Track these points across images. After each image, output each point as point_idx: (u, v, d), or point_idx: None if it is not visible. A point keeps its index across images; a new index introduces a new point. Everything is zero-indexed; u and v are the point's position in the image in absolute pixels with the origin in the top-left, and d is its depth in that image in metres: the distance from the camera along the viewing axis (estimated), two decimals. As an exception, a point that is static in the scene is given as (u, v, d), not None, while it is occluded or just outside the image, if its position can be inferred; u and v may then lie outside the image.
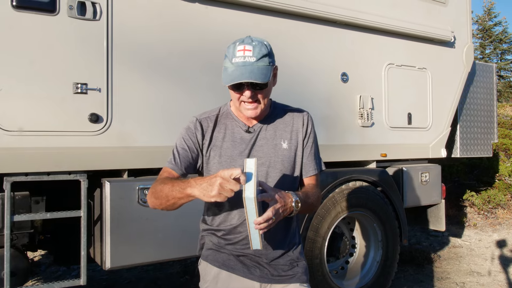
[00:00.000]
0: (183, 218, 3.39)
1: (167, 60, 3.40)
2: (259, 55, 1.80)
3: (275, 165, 1.98)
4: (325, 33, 4.17)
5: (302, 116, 2.07)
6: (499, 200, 8.36)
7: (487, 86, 5.89)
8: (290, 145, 2.02)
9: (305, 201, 1.88)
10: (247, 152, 1.97)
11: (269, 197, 1.70)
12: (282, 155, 1.99)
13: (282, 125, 2.05)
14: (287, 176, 2.00)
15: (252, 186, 1.60)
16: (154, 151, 3.33)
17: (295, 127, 2.05)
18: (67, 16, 3.01)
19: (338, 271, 4.56)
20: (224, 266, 2.00)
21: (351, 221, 4.62)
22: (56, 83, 2.98)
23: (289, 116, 2.07)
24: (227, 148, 1.97)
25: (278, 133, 2.02)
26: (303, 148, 2.05)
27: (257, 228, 1.64)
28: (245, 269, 1.98)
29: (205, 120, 2.02)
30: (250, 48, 1.81)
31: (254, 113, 1.91)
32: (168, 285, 5.18)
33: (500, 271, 5.76)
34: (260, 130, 2.01)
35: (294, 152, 2.03)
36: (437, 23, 4.97)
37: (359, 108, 4.40)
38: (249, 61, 1.79)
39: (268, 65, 1.83)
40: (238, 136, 1.99)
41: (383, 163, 4.80)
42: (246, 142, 1.98)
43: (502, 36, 32.01)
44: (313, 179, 2.09)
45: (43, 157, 2.94)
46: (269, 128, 2.03)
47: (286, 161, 2.00)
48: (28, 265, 3.33)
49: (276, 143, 2.00)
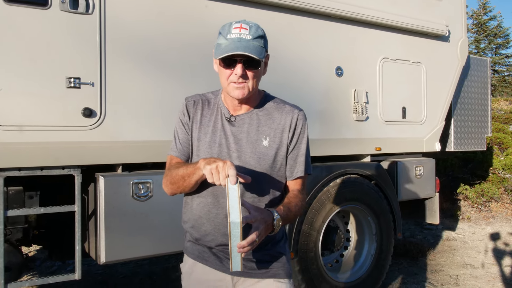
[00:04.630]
0: (177, 212, 3.38)
1: (161, 54, 3.38)
2: (255, 35, 1.77)
3: (249, 162, 1.88)
4: (319, 27, 4.17)
5: (292, 114, 1.93)
6: (493, 194, 8.41)
7: (481, 80, 5.91)
8: (271, 143, 1.90)
9: (286, 216, 1.78)
10: (224, 142, 1.89)
11: (252, 218, 1.63)
12: (259, 153, 1.89)
13: (268, 120, 1.93)
14: (263, 175, 1.89)
15: (237, 210, 1.55)
16: (148, 146, 3.32)
17: (281, 125, 1.92)
18: (59, 9, 2.98)
19: (332, 264, 4.58)
20: (199, 258, 1.99)
21: (345, 214, 4.64)
22: (48, 77, 2.96)
23: (278, 112, 1.94)
24: (206, 134, 1.92)
25: (261, 129, 1.91)
26: (287, 149, 1.92)
27: (240, 252, 1.58)
28: (218, 261, 1.94)
29: (194, 102, 1.98)
30: (247, 27, 1.77)
31: (241, 93, 1.81)
32: (164, 280, 5.19)
33: (493, 263, 5.81)
34: (244, 122, 1.92)
35: (275, 151, 1.90)
36: (432, 17, 4.97)
37: (353, 102, 4.40)
38: (244, 38, 1.75)
39: (262, 47, 1.79)
40: (219, 123, 1.93)
41: (378, 157, 4.81)
42: (225, 131, 1.91)
43: (497, 31, 32.13)
44: (298, 183, 1.97)
45: (36, 152, 2.93)
46: (253, 121, 1.92)
47: (262, 159, 1.88)
48: (23, 260, 3.33)
49: (256, 138, 1.90)
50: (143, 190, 3.24)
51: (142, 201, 3.24)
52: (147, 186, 3.26)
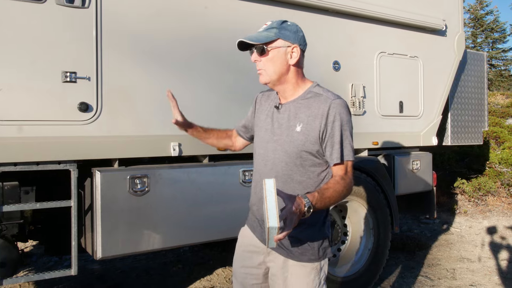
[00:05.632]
0: (174, 207, 3.38)
1: (158, 48, 3.36)
2: (269, 27, 2.07)
3: (284, 145, 2.09)
4: (316, 22, 4.15)
5: (327, 103, 2.03)
6: (489, 188, 8.42)
7: (478, 75, 5.91)
8: (303, 129, 2.05)
9: (320, 202, 1.88)
10: (269, 127, 2.18)
11: (287, 214, 1.73)
12: (291, 137, 2.07)
13: (305, 108, 2.08)
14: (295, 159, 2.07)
15: (274, 214, 1.65)
16: (144, 140, 3.31)
17: (315, 112, 2.04)
18: (55, 3, 2.96)
19: (330, 258, 4.57)
20: (248, 224, 2.36)
21: (343, 209, 4.64)
22: (44, 72, 2.93)
23: (315, 101, 2.07)
24: (261, 120, 2.26)
25: (298, 116, 2.08)
26: (321, 135, 2.03)
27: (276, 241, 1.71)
28: (260, 231, 2.22)
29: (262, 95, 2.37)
30: (269, 22, 2.10)
31: (261, 79, 2.11)
32: (161, 275, 5.19)
33: (490, 257, 5.83)
34: (286, 109, 2.14)
35: (305, 137, 2.04)
36: (428, 11, 4.96)
37: (351, 96, 4.39)
38: (259, 30, 2.09)
39: (270, 34, 2.05)
40: (271, 111, 2.21)
41: (375, 151, 4.81)
42: (273, 117, 2.18)
43: (494, 25, 32.16)
44: (339, 169, 2.06)
45: (32, 147, 2.91)
46: (293, 109, 2.12)
47: (293, 143, 2.06)
48: (18, 255, 3.31)
49: (291, 124, 2.09)
50: (139, 185, 3.23)
51: (138, 196, 3.23)
52: (144, 181, 3.25)
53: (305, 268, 2.12)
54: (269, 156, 2.15)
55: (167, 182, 3.38)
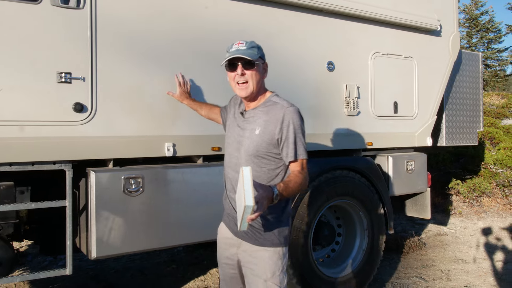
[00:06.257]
0: (168, 207, 3.39)
1: (153, 49, 3.37)
2: (250, 46, 2.41)
3: (245, 145, 2.46)
4: (311, 22, 4.16)
5: (282, 110, 2.40)
6: (484, 188, 8.45)
7: (473, 75, 5.93)
8: (260, 132, 2.42)
9: (285, 191, 2.27)
10: (236, 129, 2.55)
11: (260, 198, 2.08)
12: (251, 139, 2.44)
13: (264, 114, 2.46)
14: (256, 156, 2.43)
15: (251, 195, 1.95)
16: (139, 141, 3.32)
17: (272, 118, 2.41)
18: (50, 4, 2.96)
19: (324, 259, 4.60)
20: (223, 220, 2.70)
21: (337, 209, 4.65)
22: (39, 72, 2.94)
23: (273, 109, 2.44)
24: (229, 121, 2.68)
25: (258, 121, 2.45)
26: (277, 138, 2.40)
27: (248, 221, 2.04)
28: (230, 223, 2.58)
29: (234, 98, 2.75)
30: (244, 42, 2.42)
31: (244, 93, 2.44)
32: (155, 275, 5.19)
33: (484, 258, 5.85)
34: (249, 116, 2.52)
35: (262, 139, 2.41)
36: (423, 11, 4.97)
37: (345, 97, 4.41)
38: (241, 48, 2.39)
39: (256, 53, 2.41)
40: (238, 115, 2.60)
41: (369, 151, 4.82)
42: (239, 122, 2.56)
43: (489, 25, 32.20)
44: (295, 166, 2.43)
45: (27, 147, 2.92)
46: (256, 115, 2.49)
47: (253, 144, 2.43)
48: (14, 255, 3.32)
49: (252, 128, 2.46)
50: (134, 185, 3.24)
51: (133, 196, 3.24)
52: (138, 181, 3.26)
53: (268, 252, 2.44)
54: (233, 154, 2.53)
55: (162, 182, 3.39)
